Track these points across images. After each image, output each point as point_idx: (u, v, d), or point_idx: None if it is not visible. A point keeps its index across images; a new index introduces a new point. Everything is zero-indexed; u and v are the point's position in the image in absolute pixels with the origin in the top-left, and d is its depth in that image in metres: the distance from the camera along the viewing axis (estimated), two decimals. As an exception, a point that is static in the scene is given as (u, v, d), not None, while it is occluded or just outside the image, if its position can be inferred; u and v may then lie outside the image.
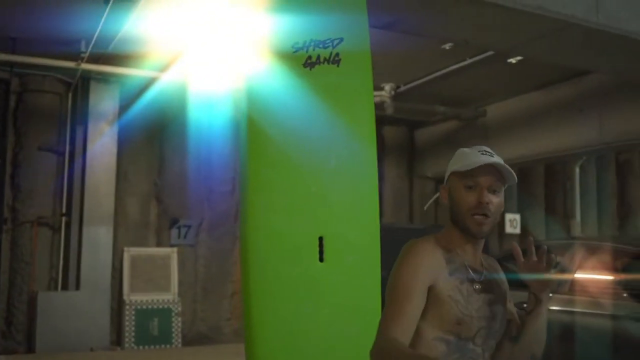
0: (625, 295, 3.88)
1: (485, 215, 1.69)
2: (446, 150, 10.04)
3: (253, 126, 2.79)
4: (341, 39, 2.93)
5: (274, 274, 2.68)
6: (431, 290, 1.68)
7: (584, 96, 7.91)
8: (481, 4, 3.55)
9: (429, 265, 1.70)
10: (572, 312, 4.06)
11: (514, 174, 1.71)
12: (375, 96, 7.64)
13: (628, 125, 7.42)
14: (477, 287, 1.72)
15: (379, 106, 8.73)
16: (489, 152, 1.74)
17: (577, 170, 10.57)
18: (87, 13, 5.27)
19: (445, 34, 4.60)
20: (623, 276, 4.00)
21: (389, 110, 8.57)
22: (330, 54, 2.91)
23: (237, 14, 3.15)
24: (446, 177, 1.79)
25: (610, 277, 4.08)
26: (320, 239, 2.77)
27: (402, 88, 8.50)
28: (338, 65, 2.92)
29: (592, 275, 4.07)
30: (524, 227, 10.25)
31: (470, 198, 1.71)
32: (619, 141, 7.72)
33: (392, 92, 8.52)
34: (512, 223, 10.42)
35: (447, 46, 5.75)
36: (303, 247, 2.75)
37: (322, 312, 2.72)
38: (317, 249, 2.76)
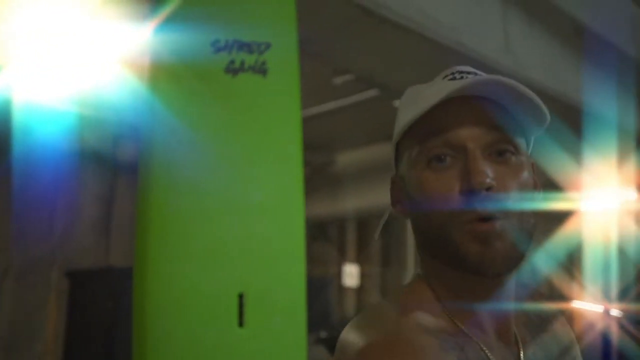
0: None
1: (493, 216, 0.75)
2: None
3: (155, 149, 2.08)
4: (269, 45, 2.35)
5: (179, 343, 1.95)
6: None
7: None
8: (404, 30, 3.20)
9: None
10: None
11: (538, 101, 0.77)
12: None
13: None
14: None
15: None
16: (469, 72, 0.83)
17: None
18: None
19: (350, 64, 4.22)
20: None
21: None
22: (256, 61, 2.31)
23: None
24: (394, 160, 0.91)
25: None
26: (240, 296, 2.10)
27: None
28: (264, 76, 2.32)
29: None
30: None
31: (450, 183, 0.78)
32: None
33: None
34: (351, 275, 10.35)
35: (339, 80, 5.29)
36: (218, 308, 2.05)
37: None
38: (236, 309, 2.08)
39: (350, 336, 0.76)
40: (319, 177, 9.45)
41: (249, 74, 2.28)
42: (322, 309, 7.97)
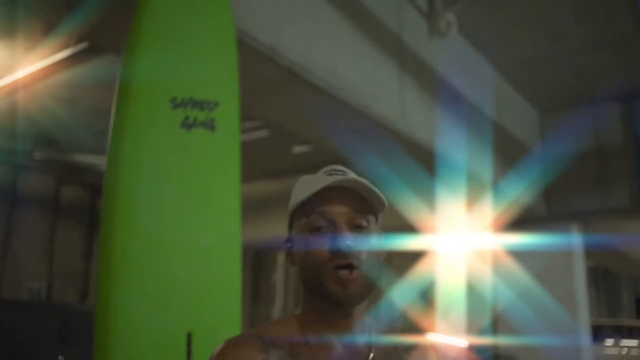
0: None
1: (351, 266, 1.09)
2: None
3: (118, 195, 2.23)
4: (217, 103, 2.59)
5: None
6: None
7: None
8: (313, 89, 3.54)
9: None
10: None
11: (380, 194, 1.15)
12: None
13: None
14: None
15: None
16: (340, 171, 1.19)
17: (280, 259, 11.08)
18: None
19: (267, 116, 4.46)
20: None
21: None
22: (206, 117, 2.54)
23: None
24: (288, 226, 1.22)
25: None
26: (189, 335, 2.29)
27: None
28: (213, 132, 2.56)
29: None
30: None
31: (324, 244, 1.12)
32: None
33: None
34: None
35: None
36: (170, 347, 2.23)
37: None
38: (185, 348, 2.27)
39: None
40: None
41: (201, 129, 2.50)
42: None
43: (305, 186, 1.16)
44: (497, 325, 7.18)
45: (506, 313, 7.12)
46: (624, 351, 15.23)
